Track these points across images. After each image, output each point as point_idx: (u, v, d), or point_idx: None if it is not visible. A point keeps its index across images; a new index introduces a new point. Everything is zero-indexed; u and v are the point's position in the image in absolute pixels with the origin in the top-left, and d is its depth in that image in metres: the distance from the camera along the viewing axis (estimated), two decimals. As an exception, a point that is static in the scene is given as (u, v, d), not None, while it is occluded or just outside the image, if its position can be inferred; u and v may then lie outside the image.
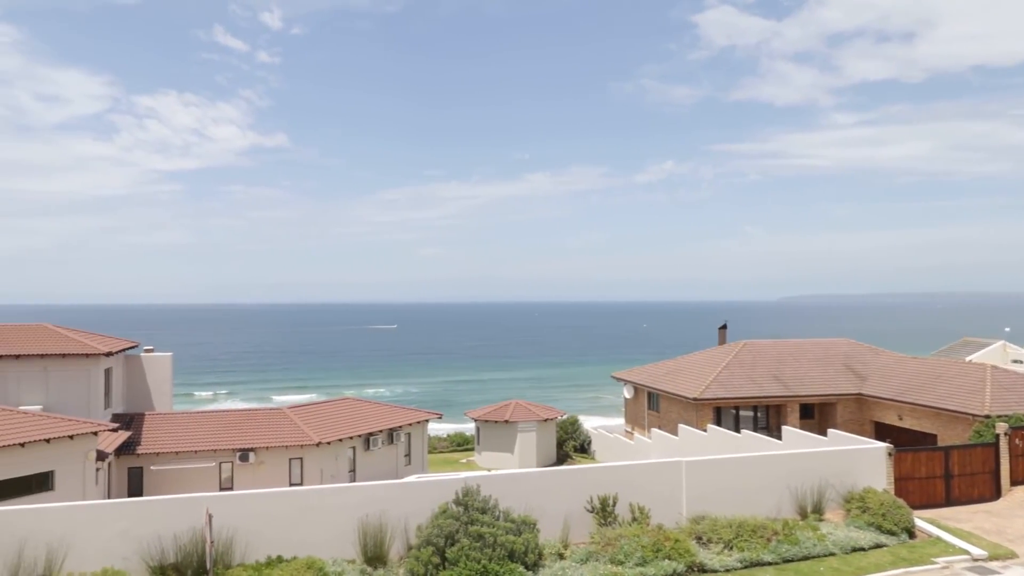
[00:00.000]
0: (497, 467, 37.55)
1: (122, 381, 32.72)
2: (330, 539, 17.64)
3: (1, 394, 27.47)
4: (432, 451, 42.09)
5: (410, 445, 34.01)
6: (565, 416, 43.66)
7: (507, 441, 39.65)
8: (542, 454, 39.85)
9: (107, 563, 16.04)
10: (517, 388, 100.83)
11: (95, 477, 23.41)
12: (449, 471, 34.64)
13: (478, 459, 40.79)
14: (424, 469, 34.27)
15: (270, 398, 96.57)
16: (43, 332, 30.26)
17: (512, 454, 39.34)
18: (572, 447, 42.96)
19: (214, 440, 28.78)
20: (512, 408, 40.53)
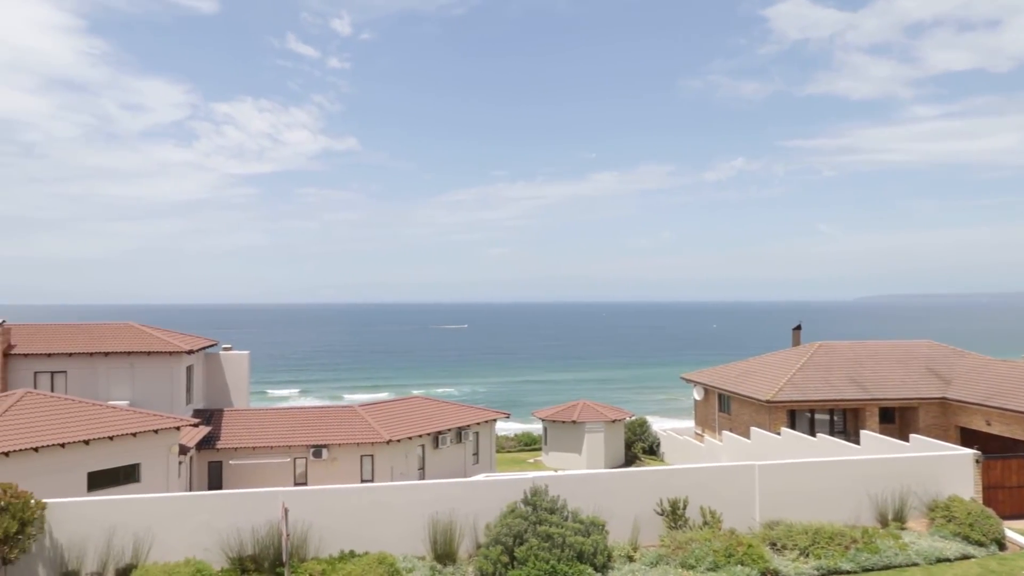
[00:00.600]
0: (564, 467, 37.45)
1: (202, 378, 33.94)
2: (400, 535, 17.89)
3: (91, 389, 28.86)
4: (500, 450, 42.27)
5: (478, 444, 34.24)
6: (633, 417, 43.22)
7: (575, 442, 39.49)
8: (610, 455, 39.55)
9: (189, 553, 16.65)
10: (584, 389, 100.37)
11: (178, 470, 24.34)
12: (517, 471, 34.71)
13: (545, 459, 40.76)
14: (492, 468, 34.45)
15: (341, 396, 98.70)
16: (129, 331, 31.64)
17: (579, 455, 39.17)
18: (640, 449, 42.50)
19: (289, 436, 29.58)
20: (580, 408, 40.36)
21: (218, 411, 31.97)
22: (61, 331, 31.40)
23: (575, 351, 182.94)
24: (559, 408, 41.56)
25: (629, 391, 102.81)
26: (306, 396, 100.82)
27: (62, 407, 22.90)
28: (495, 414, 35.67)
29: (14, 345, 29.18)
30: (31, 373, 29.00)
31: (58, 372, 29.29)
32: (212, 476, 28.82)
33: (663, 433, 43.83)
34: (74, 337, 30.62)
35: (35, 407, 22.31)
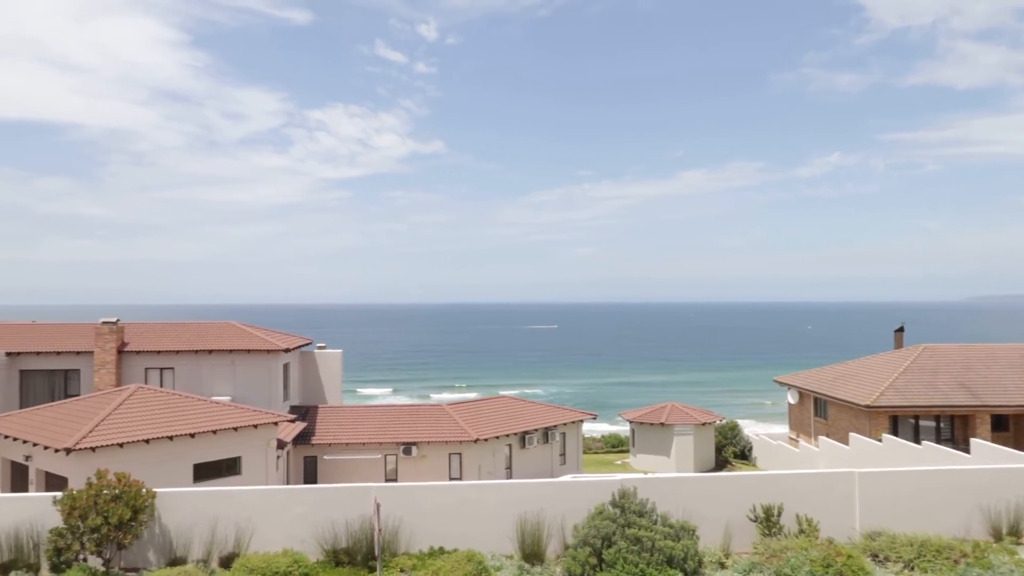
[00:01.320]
0: (653, 470, 36.92)
1: (298, 375, 35.15)
2: (488, 534, 18.01)
3: (196, 385, 30.31)
4: (586, 451, 42.07)
5: (565, 444, 34.17)
6: (724, 421, 42.22)
7: (663, 444, 38.88)
8: (700, 459, 38.74)
9: (287, 544, 17.24)
10: (673, 391, 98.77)
11: (275, 464, 25.28)
12: (604, 472, 34.45)
13: (633, 461, 40.29)
14: (579, 469, 34.30)
15: (429, 395, 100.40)
16: (230, 329, 33.09)
17: (668, 457, 38.54)
18: (732, 453, 41.46)
19: (380, 433, 30.28)
20: (668, 411, 39.70)
21: (313, 407, 33.03)
22: (168, 329, 33.14)
23: (663, 353, 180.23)
24: (647, 410, 41.01)
25: (719, 394, 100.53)
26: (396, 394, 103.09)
27: (170, 401, 24.16)
28: (582, 415, 35.51)
29: (127, 343, 30.96)
30: (142, 369, 30.71)
31: (166, 368, 30.92)
32: (307, 470, 29.80)
33: (756, 437, 42.62)
34: (180, 335, 32.25)
35: (146, 401, 23.61)
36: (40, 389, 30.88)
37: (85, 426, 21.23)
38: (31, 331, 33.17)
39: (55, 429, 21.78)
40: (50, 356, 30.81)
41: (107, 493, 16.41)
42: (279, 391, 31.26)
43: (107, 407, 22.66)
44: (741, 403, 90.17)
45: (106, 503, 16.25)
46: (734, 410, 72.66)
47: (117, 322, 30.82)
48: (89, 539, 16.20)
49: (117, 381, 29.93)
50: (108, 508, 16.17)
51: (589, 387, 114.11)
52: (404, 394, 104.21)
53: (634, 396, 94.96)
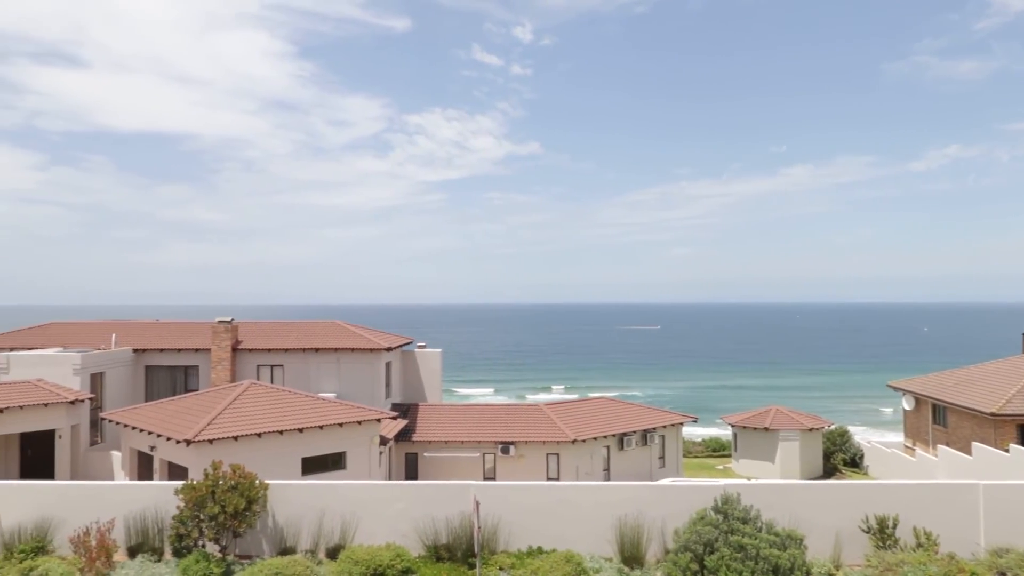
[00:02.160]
0: (756, 476, 35.78)
1: (399, 374, 36.03)
2: (586, 535, 17.91)
3: (304, 381, 31.53)
4: (686, 455, 41.22)
5: (664, 447, 33.60)
6: (832, 427, 40.46)
7: (767, 449, 37.64)
8: (806, 465, 37.27)
9: (390, 538, 17.68)
10: (777, 395, 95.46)
11: (378, 460, 25.97)
12: (704, 476, 33.68)
13: (735, 466, 39.20)
14: (678, 473, 33.66)
15: (527, 395, 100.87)
16: (336, 329, 34.25)
17: (773, 463, 37.27)
18: (841, 460, 39.70)
19: (478, 432, 30.62)
20: (773, 415, 38.41)
21: (413, 405, 33.76)
22: (278, 328, 34.63)
23: (766, 355, 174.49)
24: (750, 414, 39.81)
25: (827, 399, 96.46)
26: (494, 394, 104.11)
27: (280, 397, 25.22)
28: (682, 417, 34.83)
29: (241, 341, 32.55)
30: (254, 366, 32.21)
31: (276, 365, 32.31)
32: (408, 467, 30.48)
33: (867, 445, 40.65)
34: (289, 334, 33.64)
35: (258, 396, 24.74)
36: (163, 384, 32.89)
37: (203, 419, 22.45)
38: (155, 330, 35.38)
39: (176, 422, 23.13)
40: (172, 353, 32.75)
41: (223, 483, 17.28)
42: (381, 389, 32.10)
43: (223, 402, 23.89)
44: (851, 409, 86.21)
45: (223, 493, 17.12)
46: (843, 416, 69.57)
47: (232, 321, 32.44)
48: (207, 527, 17.11)
49: (232, 377, 31.50)
50: (225, 498, 17.03)
51: (689, 389, 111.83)
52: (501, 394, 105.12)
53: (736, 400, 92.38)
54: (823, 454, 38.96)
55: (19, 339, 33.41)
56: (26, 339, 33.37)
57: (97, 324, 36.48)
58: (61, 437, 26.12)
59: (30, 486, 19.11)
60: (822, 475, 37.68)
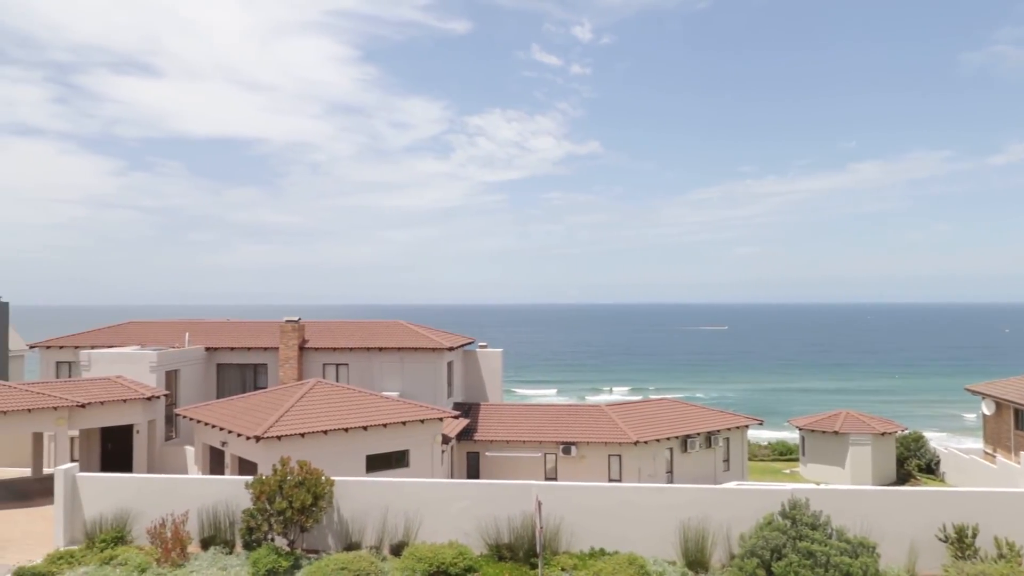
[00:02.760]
0: (825, 481, 34.78)
1: (461, 373, 36.27)
2: (649, 537, 17.72)
3: (368, 380, 32.04)
4: (751, 458, 40.34)
5: (728, 450, 32.98)
6: (906, 431, 39.01)
7: (837, 454, 36.55)
8: (878, 471, 36.05)
9: (452, 536, 17.82)
10: (847, 398, 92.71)
11: (440, 458, 26.19)
12: (770, 481, 32.92)
13: (803, 471, 38.19)
14: (743, 476, 32.99)
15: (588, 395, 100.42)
16: (399, 328, 34.70)
17: (843, 468, 36.17)
18: (916, 466, 38.25)
19: (540, 432, 30.60)
20: (843, 418, 37.28)
21: (475, 405, 33.95)
22: (343, 328, 35.28)
23: (835, 357, 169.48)
24: (819, 417, 38.74)
25: (901, 403, 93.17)
26: (554, 394, 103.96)
27: (345, 395, 25.68)
28: (747, 420, 34.13)
29: (307, 340, 33.28)
30: (320, 364, 32.88)
31: (341, 364, 32.91)
32: (470, 466, 30.65)
33: (944, 451, 39.08)
34: (354, 333, 34.24)
35: (324, 394, 25.25)
36: (233, 381, 33.88)
37: (272, 416, 23.02)
38: (226, 329, 36.48)
39: (246, 418, 23.79)
40: (242, 351, 33.71)
41: (291, 479, 17.70)
42: (444, 388, 32.38)
43: (290, 399, 24.46)
44: (927, 413, 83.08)
45: (290, 488, 17.53)
46: (918, 420, 67.07)
47: (299, 321, 33.20)
48: (276, 521, 17.55)
49: (299, 375, 32.23)
50: (292, 493, 17.44)
51: (754, 392, 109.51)
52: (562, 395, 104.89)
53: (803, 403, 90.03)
54: (896, 460, 37.62)
55: (99, 338, 34.89)
56: (105, 338, 34.82)
57: (171, 323, 37.83)
58: (139, 432, 27.17)
59: (111, 479, 19.94)
60: (895, 481, 36.38)
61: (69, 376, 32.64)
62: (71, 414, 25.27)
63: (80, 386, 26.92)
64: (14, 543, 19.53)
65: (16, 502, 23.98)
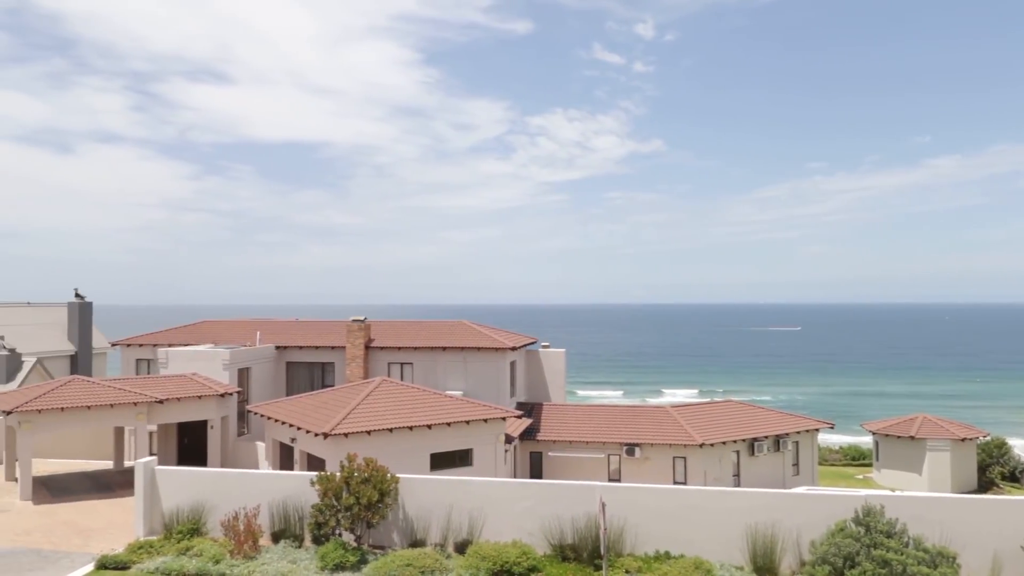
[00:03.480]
0: (900, 487, 33.56)
1: (523, 373, 36.31)
2: (715, 541, 17.40)
3: (432, 379, 32.37)
4: (822, 463, 39.21)
5: (798, 454, 32.12)
6: (988, 437, 37.35)
7: (913, 460, 35.23)
8: (958, 478, 34.59)
9: (515, 536, 17.86)
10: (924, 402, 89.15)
11: (504, 457, 26.27)
12: (842, 486, 31.93)
13: (876, 476, 36.94)
14: (814, 481, 32.09)
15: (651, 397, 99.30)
16: (462, 328, 34.95)
17: (920, 475, 34.84)
18: (999, 474, 36.58)
19: (603, 433, 30.40)
20: (919, 423, 35.91)
21: (538, 405, 33.94)
22: (408, 327, 35.73)
23: (912, 359, 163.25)
24: (894, 421, 37.42)
25: (982, 408, 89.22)
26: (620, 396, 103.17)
27: (410, 394, 26.01)
28: (818, 423, 33.20)
29: (373, 339, 33.84)
30: (385, 363, 33.38)
31: (406, 363, 33.34)
32: (533, 465, 30.66)
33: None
34: (418, 333, 34.64)
35: (390, 393, 25.62)
36: (302, 379, 34.69)
37: (339, 414, 23.48)
38: (295, 328, 37.39)
39: (314, 415, 24.33)
40: (310, 350, 34.49)
41: (358, 476, 18.02)
42: (506, 388, 32.46)
43: (357, 397, 24.90)
44: (1014, 420, 79.32)
45: (357, 485, 17.85)
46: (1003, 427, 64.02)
47: (364, 320, 33.78)
48: (343, 516, 17.89)
49: (365, 373, 32.79)
50: (359, 490, 17.76)
51: (826, 394, 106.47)
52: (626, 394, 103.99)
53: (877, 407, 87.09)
54: (977, 467, 36.05)
55: (175, 336, 36.21)
56: (181, 336, 36.11)
57: (243, 322, 38.98)
58: (213, 427, 28.08)
59: (187, 472, 20.67)
60: (976, 489, 34.86)
61: (148, 373, 33.99)
62: (150, 409, 26.30)
63: (158, 383, 28.00)
64: (98, 532, 20.43)
65: (99, 493, 25.09)
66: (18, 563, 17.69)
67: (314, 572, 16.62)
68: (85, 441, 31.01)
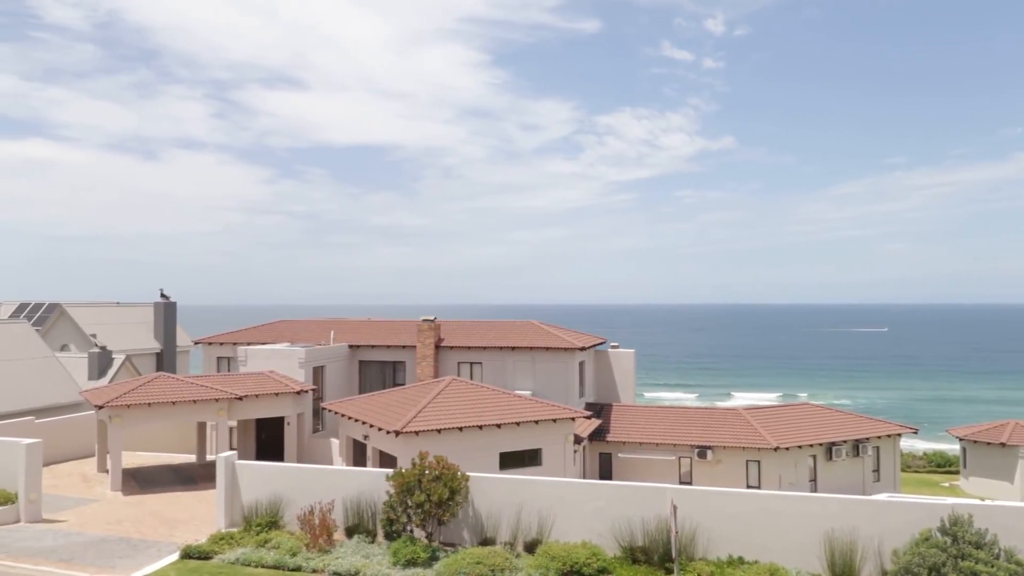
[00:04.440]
0: (990, 497, 32.00)
1: (592, 373, 36.12)
2: (790, 548, 16.93)
3: (500, 378, 32.53)
4: (905, 469, 37.74)
5: (879, 460, 31.00)
6: (1087, 445, 35.23)
7: (1004, 468, 33.55)
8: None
9: (584, 537, 17.76)
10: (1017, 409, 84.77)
11: (573, 458, 26.19)
12: (927, 494, 30.69)
13: (963, 484, 35.34)
14: (896, 488, 30.91)
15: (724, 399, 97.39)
16: (531, 328, 35.00)
17: (1011, 484, 33.16)
18: (1099, 484, 34.45)
19: (674, 434, 29.98)
20: (1011, 429, 34.19)
21: (607, 405, 33.71)
22: (477, 327, 36.00)
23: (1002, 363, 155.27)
24: (984, 427, 35.73)
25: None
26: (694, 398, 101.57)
27: (479, 393, 26.20)
28: (900, 428, 31.95)
29: (443, 339, 34.22)
30: (455, 363, 33.72)
31: (475, 363, 33.61)
32: (602, 466, 30.47)
33: None
34: (487, 333, 34.87)
35: (459, 392, 25.87)
36: (374, 377, 35.35)
37: (410, 412, 23.84)
38: (367, 328, 38.14)
39: (386, 413, 24.76)
40: (381, 349, 35.12)
41: (429, 473, 18.24)
42: (575, 388, 32.36)
43: (427, 396, 25.23)
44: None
45: (428, 482, 18.07)
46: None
47: (435, 320, 34.20)
48: (415, 513, 18.15)
49: (435, 373, 33.19)
50: (430, 487, 17.98)
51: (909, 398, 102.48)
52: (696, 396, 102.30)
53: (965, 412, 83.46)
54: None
55: (253, 335, 37.40)
56: (259, 335, 37.28)
57: (318, 322, 39.99)
58: (289, 424, 28.89)
59: (266, 467, 21.31)
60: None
61: (228, 370, 35.22)
62: (230, 406, 27.24)
63: (238, 380, 28.97)
64: (182, 523, 21.28)
65: (183, 485, 26.12)
66: (110, 550, 18.58)
67: (387, 567, 16.89)
68: (169, 435, 32.32)
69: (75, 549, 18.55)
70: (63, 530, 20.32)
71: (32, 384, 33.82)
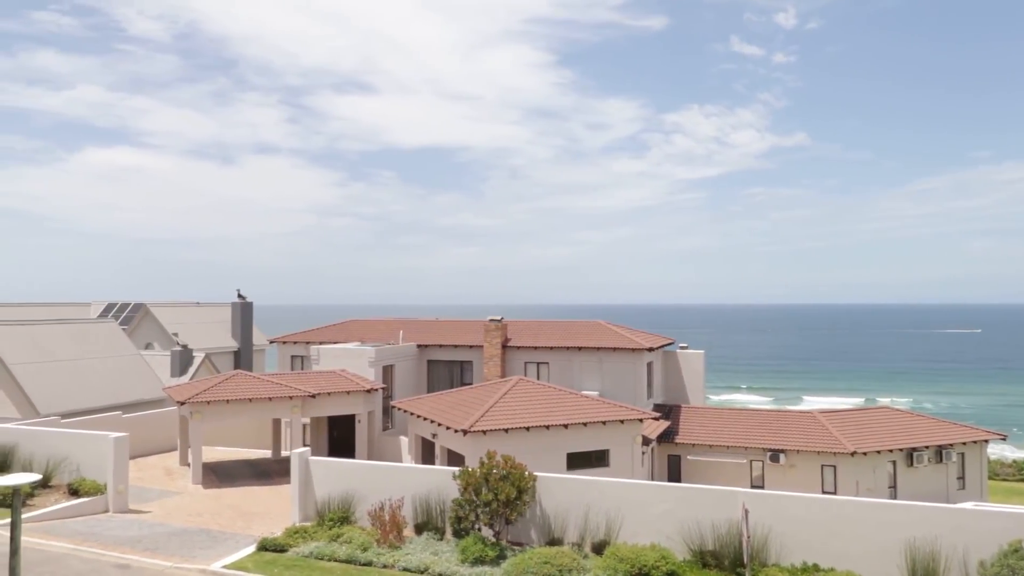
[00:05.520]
0: (1087, 508, 30.27)
1: (660, 374, 35.69)
2: (868, 556, 16.37)
3: (567, 378, 32.45)
4: (992, 477, 36.08)
5: (963, 467, 29.69)
6: None
7: (1101, 477, 31.66)
8: None
9: (654, 539, 17.56)
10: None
11: (640, 460, 25.93)
12: (1017, 503, 29.20)
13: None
14: (982, 497, 29.54)
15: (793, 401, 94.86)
16: (598, 328, 34.81)
17: (1110, 494, 31.29)
18: None
19: (745, 437, 29.38)
20: (1109, 437, 32.25)
21: (676, 407, 33.26)
22: (544, 327, 36.02)
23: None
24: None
25: None
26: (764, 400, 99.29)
27: (546, 393, 26.20)
28: (987, 434, 30.53)
29: (510, 339, 34.36)
30: (522, 363, 33.82)
31: (542, 363, 33.63)
32: (671, 468, 30.08)
33: None
34: (554, 333, 34.85)
35: (526, 392, 25.92)
36: (442, 376, 35.76)
37: (478, 411, 24.02)
38: (435, 327, 38.61)
39: (454, 412, 25.01)
40: (449, 348, 35.50)
41: (496, 472, 18.34)
42: (643, 389, 32.03)
43: (495, 395, 25.37)
44: None
45: (496, 481, 18.17)
46: None
47: (501, 320, 34.36)
48: (482, 512, 18.27)
49: (502, 372, 33.36)
50: (497, 486, 18.07)
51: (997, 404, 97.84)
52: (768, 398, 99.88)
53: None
54: None
55: (325, 335, 38.30)
56: (331, 334, 38.16)
57: (387, 322, 40.67)
58: (360, 422, 29.48)
59: (338, 463, 21.79)
60: None
61: (301, 368, 36.17)
62: (304, 403, 27.97)
63: (311, 378, 29.72)
64: (258, 516, 21.95)
65: (259, 480, 26.94)
66: (191, 541, 19.31)
67: (455, 565, 17.06)
68: (246, 431, 33.38)
69: (159, 539, 19.34)
70: (148, 521, 21.22)
71: (119, 380, 35.47)
